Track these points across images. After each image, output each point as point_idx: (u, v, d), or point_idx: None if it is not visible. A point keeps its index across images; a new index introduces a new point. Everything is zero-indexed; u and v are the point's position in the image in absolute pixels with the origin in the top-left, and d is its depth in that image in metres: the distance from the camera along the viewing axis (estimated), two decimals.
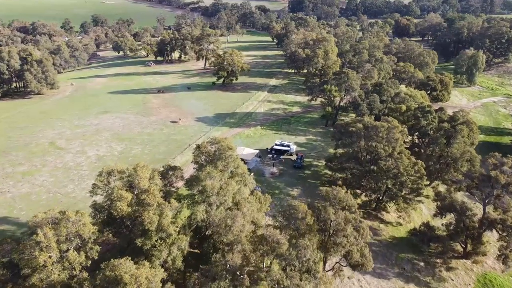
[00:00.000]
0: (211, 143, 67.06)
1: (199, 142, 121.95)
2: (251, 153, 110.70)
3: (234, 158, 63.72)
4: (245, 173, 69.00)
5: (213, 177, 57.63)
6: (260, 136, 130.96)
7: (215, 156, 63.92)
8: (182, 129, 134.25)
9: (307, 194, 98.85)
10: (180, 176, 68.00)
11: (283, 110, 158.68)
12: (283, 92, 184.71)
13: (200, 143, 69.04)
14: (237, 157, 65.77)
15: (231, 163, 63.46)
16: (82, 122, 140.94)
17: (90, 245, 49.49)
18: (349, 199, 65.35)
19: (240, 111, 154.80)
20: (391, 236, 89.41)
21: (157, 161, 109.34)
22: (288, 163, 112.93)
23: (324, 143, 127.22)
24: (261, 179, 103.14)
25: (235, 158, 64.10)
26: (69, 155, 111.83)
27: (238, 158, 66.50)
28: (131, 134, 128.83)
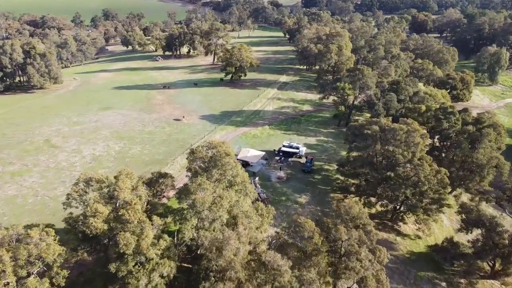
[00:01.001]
0: (207, 147, 59.30)
1: (203, 142, 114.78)
2: (256, 155, 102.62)
3: (232, 166, 55.83)
4: (246, 182, 61.06)
5: (205, 189, 49.88)
6: (268, 137, 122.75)
7: (211, 163, 56.15)
8: (185, 128, 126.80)
9: (316, 202, 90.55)
10: (171, 185, 60.41)
11: (293, 108, 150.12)
12: (294, 89, 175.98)
13: (195, 148, 61.20)
14: (236, 165, 57.86)
15: (228, 171, 55.60)
16: (81, 118, 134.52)
17: (56, 270, 42.21)
18: (364, 217, 56.76)
19: (248, 109, 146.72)
20: (409, 251, 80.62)
21: (155, 162, 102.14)
22: (296, 166, 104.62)
23: (336, 145, 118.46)
24: (266, 184, 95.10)
25: (233, 165, 56.20)
26: (63, 154, 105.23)
27: (238, 165, 58.57)
28: (131, 133, 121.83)
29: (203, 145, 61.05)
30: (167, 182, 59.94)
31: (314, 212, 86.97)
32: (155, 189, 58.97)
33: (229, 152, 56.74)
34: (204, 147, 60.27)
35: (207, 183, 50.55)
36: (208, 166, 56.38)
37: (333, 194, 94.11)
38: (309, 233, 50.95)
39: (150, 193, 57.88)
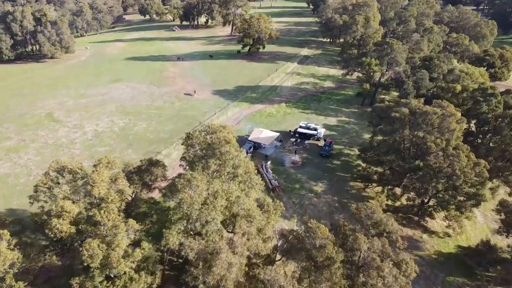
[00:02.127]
0: (206, 132, 50.74)
1: (213, 120, 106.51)
2: (270, 137, 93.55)
3: (233, 155, 47.14)
4: (251, 172, 52.49)
5: (196, 185, 41.65)
6: (284, 115, 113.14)
7: (208, 152, 47.70)
8: (196, 104, 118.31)
9: (334, 191, 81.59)
10: (161, 175, 52.43)
11: (313, 84, 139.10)
12: (315, 63, 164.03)
13: (191, 132, 52.61)
14: (239, 154, 49.14)
15: (228, 161, 46.99)
16: (89, 91, 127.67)
17: (9, 281, 35.24)
18: (390, 223, 47.48)
19: (264, 84, 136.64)
20: (437, 251, 71.32)
21: (160, 140, 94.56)
22: (313, 150, 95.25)
23: (358, 127, 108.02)
24: (279, 169, 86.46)
25: (235, 155, 47.50)
26: (64, 130, 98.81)
27: (240, 154, 49.83)
28: (138, 107, 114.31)
29: (201, 130, 52.56)
30: (157, 172, 51.97)
31: (330, 203, 78.18)
32: (143, 180, 51.18)
33: (229, 139, 48.00)
34: (203, 131, 51.76)
35: (199, 178, 42.28)
36: (205, 155, 48.00)
37: (352, 183, 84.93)
38: (321, 241, 42.42)
39: (138, 184, 50.22)
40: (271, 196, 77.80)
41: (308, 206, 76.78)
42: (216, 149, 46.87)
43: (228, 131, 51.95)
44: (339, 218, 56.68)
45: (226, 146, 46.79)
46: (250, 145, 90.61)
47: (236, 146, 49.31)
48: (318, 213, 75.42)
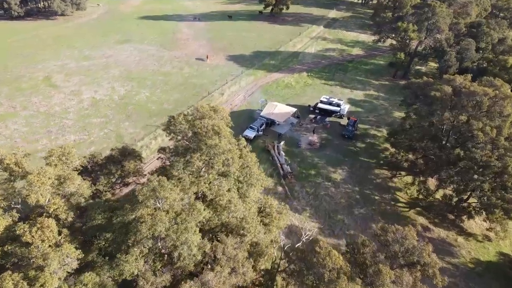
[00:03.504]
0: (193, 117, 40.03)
1: (224, 90, 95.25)
2: (285, 112, 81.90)
3: (224, 150, 36.35)
4: (251, 167, 41.82)
5: (163, 197, 31.42)
6: (304, 87, 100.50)
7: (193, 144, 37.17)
8: (207, 70, 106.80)
9: (355, 180, 70.41)
10: (134, 171, 42.38)
11: (340, 52, 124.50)
12: (344, 27, 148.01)
13: (176, 115, 41.82)
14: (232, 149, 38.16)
15: (217, 157, 36.34)
16: (94, 52, 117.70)
17: None
18: (427, 253, 36.09)
19: (285, 50, 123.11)
20: (474, 258, 60.06)
21: (162, 112, 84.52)
22: (335, 129, 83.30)
23: (388, 103, 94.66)
24: (293, 151, 75.45)
25: (226, 149, 36.72)
26: (60, 96, 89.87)
27: (234, 148, 38.84)
28: (143, 73, 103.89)
29: (187, 114, 41.91)
30: (129, 166, 41.93)
31: (350, 194, 67.22)
32: (110, 177, 41.38)
33: (220, 129, 37.08)
34: (190, 115, 41.07)
35: (168, 187, 32.02)
36: (189, 147, 37.50)
37: (378, 170, 73.36)
38: (331, 273, 32.05)
39: (104, 182, 40.50)
40: (281, 183, 67.49)
41: (323, 197, 66.11)
42: (201, 141, 36.33)
43: (222, 116, 40.99)
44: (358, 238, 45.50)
45: (215, 137, 36.07)
46: (262, 122, 79.52)
47: (229, 137, 38.45)
48: (335, 206, 64.83)
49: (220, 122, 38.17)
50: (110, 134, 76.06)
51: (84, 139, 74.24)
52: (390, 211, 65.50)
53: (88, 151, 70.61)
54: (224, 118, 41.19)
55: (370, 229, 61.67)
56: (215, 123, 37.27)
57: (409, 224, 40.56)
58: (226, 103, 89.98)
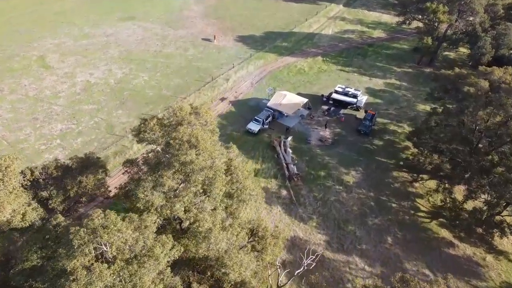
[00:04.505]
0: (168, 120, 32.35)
1: (230, 75, 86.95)
2: (295, 103, 73.47)
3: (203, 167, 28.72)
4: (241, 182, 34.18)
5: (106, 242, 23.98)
6: (317, 73, 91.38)
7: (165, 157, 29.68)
8: (213, 52, 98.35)
9: (370, 183, 62.28)
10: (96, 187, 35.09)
11: (360, 34, 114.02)
12: (365, 6, 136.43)
13: (148, 119, 34.12)
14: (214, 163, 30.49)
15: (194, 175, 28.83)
16: (94, 30, 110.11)
17: None
18: None
19: (300, 31, 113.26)
20: (504, 282, 52.04)
21: (160, 99, 77.24)
22: (350, 123, 74.70)
23: (411, 93, 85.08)
24: (302, 148, 67.44)
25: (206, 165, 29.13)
26: (52, 79, 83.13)
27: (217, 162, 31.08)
28: (144, 54, 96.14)
29: (162, 117, 34.21)
30: (87, 182, 34.68)
31: (364, 200, 59.27)
32: (66, 194, 34.17)
33: (198, 141, 29.31)
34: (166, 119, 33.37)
35: (116, 228, 24.74)
36: (160, 163, 30.00)
37: (396, 173, 64.98)
38: None
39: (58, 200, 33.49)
40: (286, 186, 59.88)
41: (333, 203, 58.35)
42: (173, 156, 28.89)
43: (205, 121, 33.12)
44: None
45: (191, 152, 28.53)
46: (269, 114, 71.44)
47: (211, 150, 30.66)
48: (345, 214, 57.11)
49: (199, 131, 30.42)
50: (101, 124, 69.21)
51: (71, 129, 67.59)
52: (409, 222, 57.54)
53: (75, 143, 64.23)
54: (208, 123, 33.41)
55: (385, 243, 54.17)
56: (194, 133, 29.61)
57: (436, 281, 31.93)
58: (231, 90, 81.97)
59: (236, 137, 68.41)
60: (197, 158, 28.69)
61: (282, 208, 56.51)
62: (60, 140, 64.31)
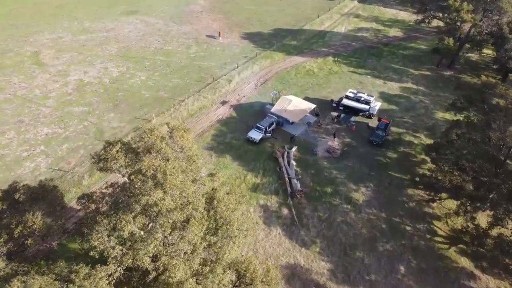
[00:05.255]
0: (136, 145, 26.72)
1: (233, 76, 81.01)
2: (301, 110, 67.25)
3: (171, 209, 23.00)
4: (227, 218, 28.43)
5: None
6: (328, 75, 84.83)
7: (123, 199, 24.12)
8: (217, 50, 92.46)
9: (382, 202, 55.97)
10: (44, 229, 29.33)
11: (375, 32, 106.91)
12: (381, 3, 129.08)
13: (113, 143, 28.38)
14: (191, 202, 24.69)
15: (162, 219, 23.17)
16: (94, 24, 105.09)
17: None
18: None
19: (310, 29, 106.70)
20: None
21: (157, 101, 71.85)
22: (361, 132, 68.26)
23: (429, 99, 78.11)
24: (307, 160, 61.32)
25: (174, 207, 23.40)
26: (44, 77, 78.28)
27: (194, 204, 25.19)
28: (144, 51, 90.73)
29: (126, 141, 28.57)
30: (34, 221, 28.87)
31: (374, 222, 53.07)
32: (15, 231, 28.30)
33: (165, 177, 23.55)
34: (134, 143, 27.67)
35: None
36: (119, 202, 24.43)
37: (411, 190, 58.53)
38: None
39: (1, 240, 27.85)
40: (287, 204, 53.97)
41: (340, 225, 52.27)
42: (134, 195, 23.29)
43: (181, 147, 27.25)
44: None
45: (156, 192, 22.87)
46: (272, 121, 65.36)
47: (181, 188, 24.83)
48: (353, 238, 50.99)
49: (169, 164, 24.66)
50: (90, 128, 64.02)
51: (57, 134, 62.50)
52: (424, 248, 51.18)
53: (60, 149, 59.16)
54: (184, 150, 27.60)
55: (397, 273, 48.00)
56: (160, 167, 23.93)
57: None
58: (233, 92, 76.08)
59: (236, 146, 62.67)
60: (164, 199, 23.13)
61: (282, 230, 50.68)
62: (44, 146, 59.27)
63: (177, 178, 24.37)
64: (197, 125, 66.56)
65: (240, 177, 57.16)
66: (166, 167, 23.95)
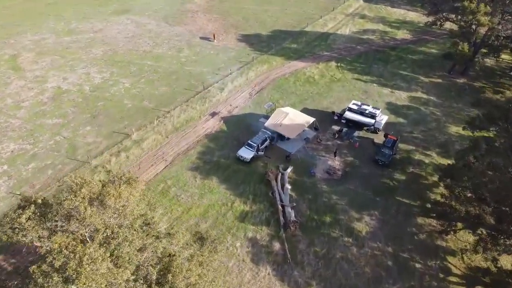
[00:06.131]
0: (55, 212, 20.01)
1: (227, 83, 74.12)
2: (298, 124, 60.16)
3: None
4: None
5: None
6: (330, 83, 77.62)
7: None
8: (211, 54, 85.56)
9: (388, 233, 48.94)
10: None
11: (381, 34, 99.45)
12: (388, 2, 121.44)
13: (26, 203, 21.51)
14: None
15: None
16: (82, 24, 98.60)
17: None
18: None
19: (312, 30, 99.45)
20: None
21: (140, 112, 65.15)
22: (365, 149, 61.11)
23: (441, 111, 70.73)
24: (305, 183, 54.35)
25: None
26: (18, 84, 71.92)
27: None
28: (131, 54, 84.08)
29: (45, 201, 21.76)
30: None
31: (379, 259, 46.06)
32: None
33: (80, 267, 17.00)
34: (51, 209, 20.62)
35: None
36: None
37: (422, 219, 51.45)
38: None
39: None
40: (280, 236, 47.08)
41: (340, 263, 45.31)
42: None
43: (117, 212, 20.32)
44: None
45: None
46: (265, 137, 58.40)
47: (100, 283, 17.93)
48: (355, 279, 44.03)
49: (90, 246, 17.79)
50: (62, 144, 57.44)
51: (25, 150, 55.99)
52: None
53: (25, 169, 52.64)
54: (122, 215, 20.66)
55: None
56: (77, 252, 17.01)
57: None
58: (225, 102, 69.20)
59: (224, 166, 55.85)
60: None
61: (272, 270, 43.83)
62: (7, 166, 52.86)
63: (101, 266, 17.64)
64: (182, 140, 59.79)
65: (227, 203, 50.39)
66: (85, 252, 17.22)
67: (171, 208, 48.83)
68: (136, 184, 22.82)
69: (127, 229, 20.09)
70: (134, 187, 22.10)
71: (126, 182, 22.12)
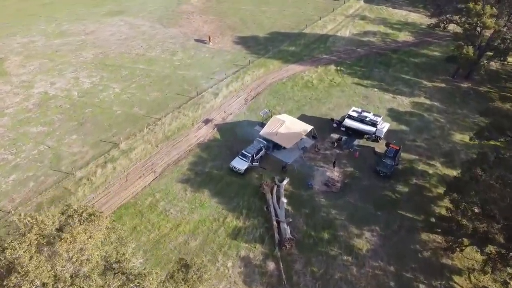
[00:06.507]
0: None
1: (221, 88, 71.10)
2: (295, 133, 57.12)
3: None
4: None
5: None
6: (329, 88, 74.55)
7: None
8: (206, 57, 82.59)
9: (390, 251, 45.89)
10: None
11: (383, 37, 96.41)
12: (390, 3, 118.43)
13: None
14: None
15: None
16: (73, 26, 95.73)
17: None
18: None
19: (311, 32, 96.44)
20: None
21: (129, 120, 62.18)
22: (366, 158, 58.02)
23: (446, 118, 67.66)
24: (301, 196, 51.32)
25: None
26: (4, 89, 69.09)
27: None
28: (123, 58, 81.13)
29: None
30: None
31: (380, 279, 43.00)
32: None
33: None
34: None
35: None
36: None
37: (426, 235, 48.41)
38: None
39: None
40: (274, 255, 44.03)
41: (339, 284, 42.26)
42: None
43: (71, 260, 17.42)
44: None
45: None
46: (260, 146, 55.37)
47: None
48: None
49: None
50: (45, 154, 54.46)
51: (6, 161, 53.05)
52: None
53: (5, 182, 49.67)
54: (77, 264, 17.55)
55: None
56: None
57: None
58: (219, 109, 66.19)
59: (217, 178, 52.83)
60: None
61: None
62: None
63: None
64: (173, 149, 56.79)
65: (219, 219, 47.37)
66: None
67: (159, 225, 45.81)
68: (100, 221, 19.85)
69: (84, 279, 17.12)
70: (97, 224, 19.13)
71: (87, 219, 19.18)
